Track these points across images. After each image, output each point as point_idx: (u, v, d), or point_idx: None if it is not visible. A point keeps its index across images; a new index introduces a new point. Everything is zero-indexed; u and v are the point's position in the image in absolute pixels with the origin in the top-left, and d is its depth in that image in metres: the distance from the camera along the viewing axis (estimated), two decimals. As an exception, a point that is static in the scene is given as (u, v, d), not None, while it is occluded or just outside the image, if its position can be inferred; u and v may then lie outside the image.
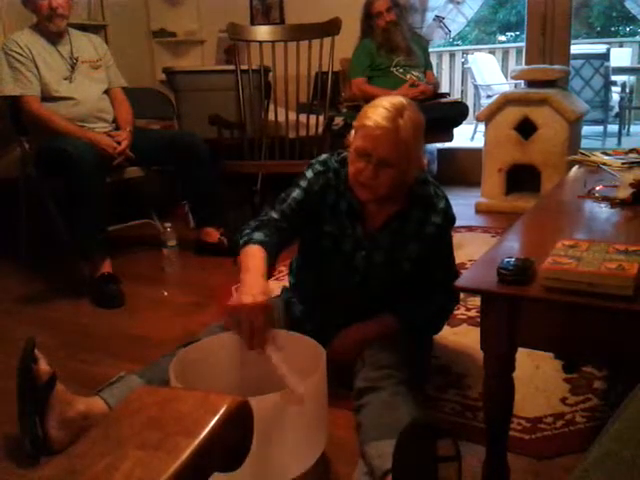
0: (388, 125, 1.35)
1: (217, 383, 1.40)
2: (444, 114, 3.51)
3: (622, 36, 8.92)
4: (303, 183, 1.55)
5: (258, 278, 1.34)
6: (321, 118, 3.26)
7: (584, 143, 4.16)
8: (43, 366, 1.41)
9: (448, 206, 1.55)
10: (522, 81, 3.78)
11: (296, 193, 1.55)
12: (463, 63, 6.77)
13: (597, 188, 1.69)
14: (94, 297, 2.40)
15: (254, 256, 1.41)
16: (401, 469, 1.09)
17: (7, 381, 1.46)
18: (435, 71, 4.24)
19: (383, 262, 1.56)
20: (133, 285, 2.52)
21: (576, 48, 5.05)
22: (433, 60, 4.38)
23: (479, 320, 1.13)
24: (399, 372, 1.40)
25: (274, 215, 1.54)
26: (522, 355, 1.13)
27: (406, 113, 1.37)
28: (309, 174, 1.55)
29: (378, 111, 1.37)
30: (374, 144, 1.37)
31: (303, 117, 3.30)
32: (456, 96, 6.03)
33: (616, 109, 5.98)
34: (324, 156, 1.59)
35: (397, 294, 1.61)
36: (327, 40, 3.17)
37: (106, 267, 2.47)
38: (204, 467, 0.54)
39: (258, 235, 1.47)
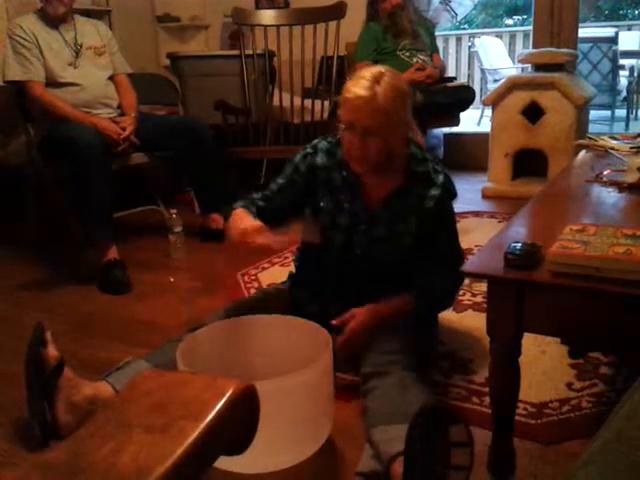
0: (365, 94, 1.38)
1: (223, 368, 1.41)
2: (451, 98, 3.49)
3: (631, 19, 8.82)
4: (289, 167, 1.63)
5: (244, 215, 1.53)
6: (326, 103, 3.24)
7: (592, 127, 4.13)
8: (51, 351, 1.41)
9: (447, 180, 1.56)
10: (529, 65, 3.74)
11: (281, 177, 1.64)
12: (470, 47, 6.72)
13: (605, 172, 1.68)
14: (100, 283, 2.41)
15: (238, 211, 1.58)
16: (413, 453, 1.09)
17: (15, 366, 1.47)
18: (442, 55, 4.21)
19: (383, 237, 1.56)
20: (139, 271, 2.53)
21: (584, 31, 4.98)
22: (439, 44, 4.35)
23: (485, 305, 1.13)
24: (405, 357, 1.40)
25: (255, 195, 1.65)
26: (528, 340, 1.13)
27: (384, 80, 1.39)
28: (297, 157, 1.63)
29: (356, 82, 1.41)
30: (355, 114, 1.41)
31: (308, 102, 3.29)
32: (463, 80, 5.98)
33: (624, 93, 5.92)
34: (316, 140, 1.64)
35: (401, 273, 1.60)
36: (332, 24, 3.14)
37: (112, 253, 2.47)
38: (210, 450, 0.54)
39: (240, 203, 1.61)
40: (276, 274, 2.36)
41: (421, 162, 1.55)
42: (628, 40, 6.36)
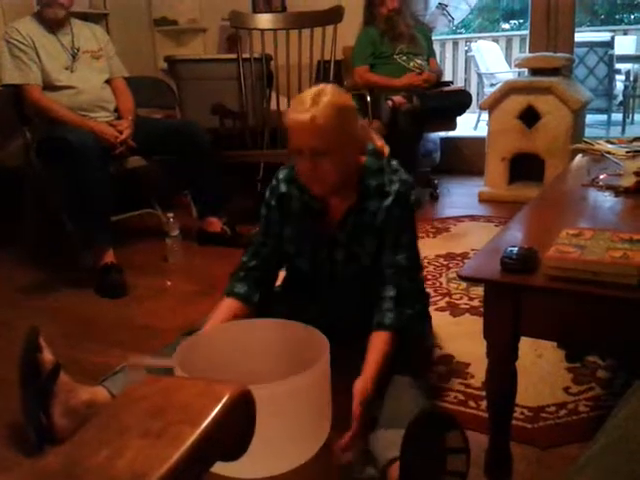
0: (303, 117, 1.33)
1: (221, 372, 1.41)
2: (447, 103, 3.50)
3: (627, 24, 8.85)
4: (264, 208, 1.59)
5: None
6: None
7: (588, 132, 4.14)
8: (47, 355, 1.41)
9: (401, 189, 1.45)
10: (526, 69, 3.75)
11: (261, 222, 1.60)
12: (466, 51, 6.73)
13: (601, 177, 1.69)
14: (97, 287, 2.41)
15: (219, 310, 1.54)
16: (409, 459, 1.09)
17: (11, 370, 1.46)
18: (438, 59, 4.22)
19: (344, 259, 1.52)
20: (136, 275, 2.53)
21: (580, 36, 5.00)
22: (436, 48, 4.35)
23: (482, 309, 1.13)
24: (400, 361, 1.40)
25: (244, 259, 1.60)
26: (525, 344, 1.12)
27: (323, 99, 1.34)
28: (266, 195, 1.59)
29: (295, 106, 1.36)
30: (298, 139, 1.37)
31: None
32: (459, 84, 5.98)
33: (620, 98, 5.94)
34: (278, 170, 1.60)
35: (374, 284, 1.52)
36: (329, 28, 3.15)
37: (109, 257, 2.47)
38: (206, 456, 0.54)
39: (239, 287, 1.56)
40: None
41: (376, 174, 1.47)
42: (624, 44, 6.39)
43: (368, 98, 3.34)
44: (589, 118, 4.39)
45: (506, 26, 9.89)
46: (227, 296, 1.56)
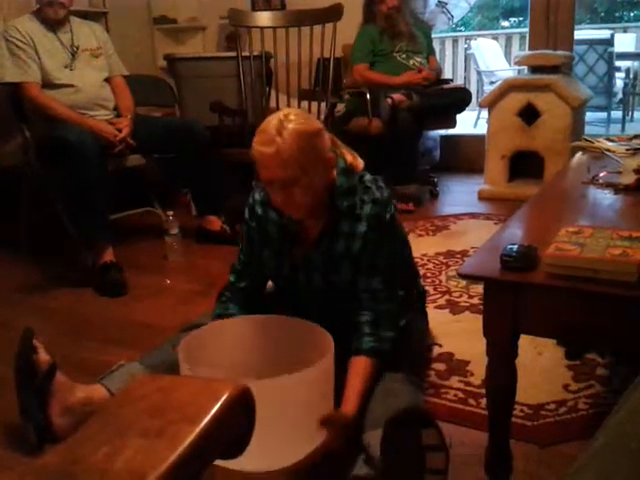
0: (268, 150, 1.30)
1: (224, 367, 1.41)
2: (447, 100, 3.50)
3: (626, 21, 8.84)
4: (245, 226, 1.57)
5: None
6: (323, 105, 3.24)
7: (588, 129, 4.14)
8: (43, 355, 1.41)
9: (375, 210, 1.41)
10: (525, 67, 3.75)
11: (243, 242, 1.59)
12: (466, 49, 6.72)
13: (601, 174, 1.69)
14: (97, 286, 2.41)
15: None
16: (389, 459, 1.10)
17: (10, 369, 1.46)
18: (438, 57, 4.21)
19: (322, 286, 1.50)
20: (135, 273, 2.52)
21: (580, 34, 4.99)
22: (436, 46, 4.35)
23: (482, 307, 1.13)
24: (395, 360, 1.40)
25: (232, 278, 1.59)
26: (525, 342, 1.12)
27: (286, 128, 1.30)
28: (245, 214, 1.56)
29: (260, 137, 1.33)
30: (266, 172, 1.34)
31: (305, 104, 3.28)
32: (459, 82, 5.98)
33: (620, 95, 5.94)
34: (253, 189, 1.58)
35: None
36: (329, 26, 3.14)
37: (108, 255, 2.47)
38: (206, 454, 0.54)
39: (232, 309, 1.55)
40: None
41: (347, 194, 1.42)
42: (624, 42, 6.38)
43: (368, 96, 3.34)
44: (589, 116, 4.39)
45: (506, 24, 9.87)
46: (220, 318, 1.53)
